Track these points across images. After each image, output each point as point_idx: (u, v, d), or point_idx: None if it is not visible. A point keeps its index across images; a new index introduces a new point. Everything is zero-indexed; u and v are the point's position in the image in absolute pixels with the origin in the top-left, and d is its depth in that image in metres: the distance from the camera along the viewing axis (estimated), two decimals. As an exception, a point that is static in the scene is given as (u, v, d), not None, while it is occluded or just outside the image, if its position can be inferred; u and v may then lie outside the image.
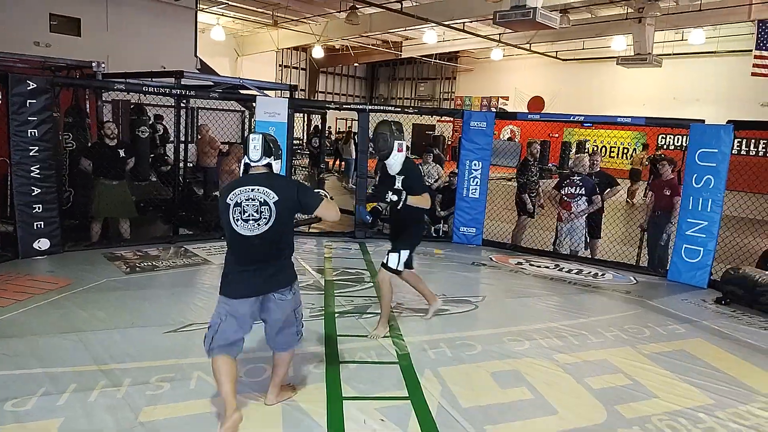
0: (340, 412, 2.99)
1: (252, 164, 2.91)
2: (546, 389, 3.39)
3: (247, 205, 2.79)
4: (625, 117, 6.94)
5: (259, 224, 2.79)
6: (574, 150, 19.23)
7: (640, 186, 13.86)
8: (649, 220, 6.67)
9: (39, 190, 5.57)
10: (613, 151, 21.38)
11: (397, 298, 4.99)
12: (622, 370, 3.73)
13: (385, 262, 4.09)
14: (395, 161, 3.93)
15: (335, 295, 5.02)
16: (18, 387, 3.05)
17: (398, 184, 3.90)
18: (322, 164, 10.53)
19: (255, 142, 2.88)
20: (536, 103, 24.46)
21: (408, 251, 4.12)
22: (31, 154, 5.47)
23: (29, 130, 5.45)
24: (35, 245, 5.61)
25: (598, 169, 7.13)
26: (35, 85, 5.46)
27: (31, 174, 5.50)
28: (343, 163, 16.21)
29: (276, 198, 2.80)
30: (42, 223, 5.63)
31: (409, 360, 3.69)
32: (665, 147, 19.63)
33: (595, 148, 19.57)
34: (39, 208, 5.59)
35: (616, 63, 16.71)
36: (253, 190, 2.81)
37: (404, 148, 3.96)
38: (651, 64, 15.19)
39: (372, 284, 5.42)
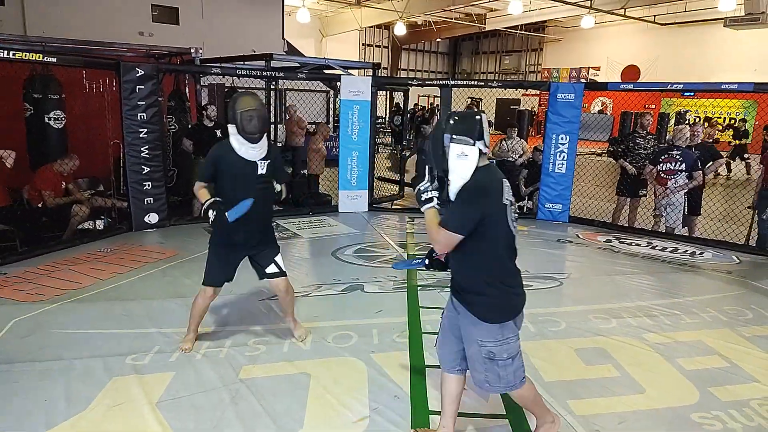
0: (423, 380, 3.10)
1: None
2: (633, 368, 3.30)
3: (511, 204, 2.33)
4: (730, 83, 6.39)
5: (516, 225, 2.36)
6: (672, 122, 17.93)
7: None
8: (758, 196, 6.15)
9: (148, 169, 6.10)
10: (719, 122, 19.68)
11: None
12: (719, 351, 3.55)
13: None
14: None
15: (418, 269, 5.12)
16: (136, 344, 3.43)
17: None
18: (404, 141, 10.61)
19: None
20: (631, 72, 22.94)
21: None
22: (141, 135, 5.99)
23: (139, 114, 5.95)
24: (146, 219, 6.17)
25: (699, 140, 6.65)
26: (143, 72, 5.95)
27: (141, 154, 6.03)
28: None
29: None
30: (151, 199, 6.17)
31: (491, 333, 3.72)
32: (780, 116, 17.78)
33: (697, 119, 18.14)
34: (149, 185, 6.13)
35: (723, 25, 15.35)
36: (506, 183, 2.33)
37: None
38: (764, 24, 13.78)
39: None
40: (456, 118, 2.30)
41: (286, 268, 3.49)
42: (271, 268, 3.40)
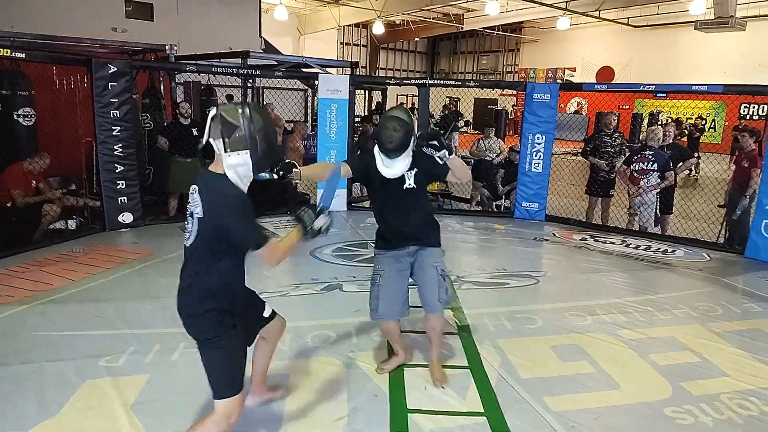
0: (402, 379, 3.10)
1: None
2: (608, 364, 3.36)
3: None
4: (700, 85, 6.55)
5: None
6: (646, 122, 18.28)
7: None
8: (728, 195, 6.31)
9: (122, 168, 5.98)
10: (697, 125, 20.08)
11: (457, 272, 5.05)
12: (690, 347, 3.63)
13: None
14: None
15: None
16: (110, 346, 3.36)
17: None
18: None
19: None
20: (605, 73, 23.31)
21: None
22: (114, 133, 5.87)
23: (112, 111, 5.83)
24: (120, 219, 6.05)
25: (671, 141, 6.80)
26: (116, 69, 5.82)
27: (115, 152, 5.91)
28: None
29: None
30: (125, 198, 6.05)
31: (469, 331, 3.75)
32: (748, 117, 18.30)
33: (669, 120, 18.52)
34: (122, 184, 6.01)
35: (694, 28, 15.69)
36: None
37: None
38: (734, 27, 14.17)
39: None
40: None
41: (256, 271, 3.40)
42: None
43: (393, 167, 2.78)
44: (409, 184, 2.86)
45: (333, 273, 4.92)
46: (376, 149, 2.82)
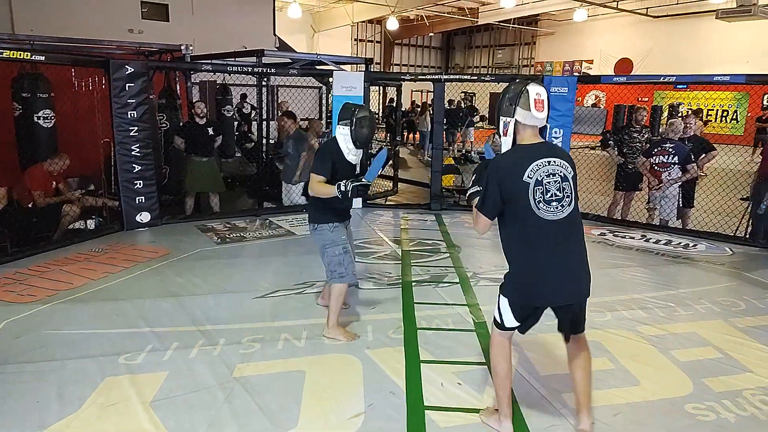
0: (418, 375, 3.09)
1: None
2: (628, 360, 3.31)
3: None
4: (722, 75, 6.40)
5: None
6: (666, 115, 17.98)
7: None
8: (754, 188, 6.16)
9: (139, 168, 6.05)
10: (711, 115, 19.73)
11: (474, 269, 5.02)
12: (712, 343, 3.56)
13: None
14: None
15: (412, 264, 5.12)
16: (129, 343, 3.41)
17: None
18: (398, 137, 10.60)
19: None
20: (624, 65, 22.97)
21: (507, 300, 2.49)
22: (131, 134, 5.94)
23: (129, 112, 5.90)
24: (138, 218, 6.13)
25: (692, 133, 6.66)
26: (133, 70, 5.89)
27: (132, 153, 5.98)
28: (417, 135, 16.18)
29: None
30: (143, 197, 6.12)
31: (485, 328, 3.72)
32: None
33: (689, 111, 18.19)
34: (140, 184, 6.08)
35: (715, 17, 15.37)
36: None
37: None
38: (756, 15, 13.83)
39: (448, 254, 5.47)
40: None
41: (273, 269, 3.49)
42: None
43: (357, 155, 3.57)
44: (358, 167, 3.65)
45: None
46: (342, 140, 3.50)
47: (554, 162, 2.34)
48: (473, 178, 2.58)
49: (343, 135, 3.48)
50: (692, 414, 2.77)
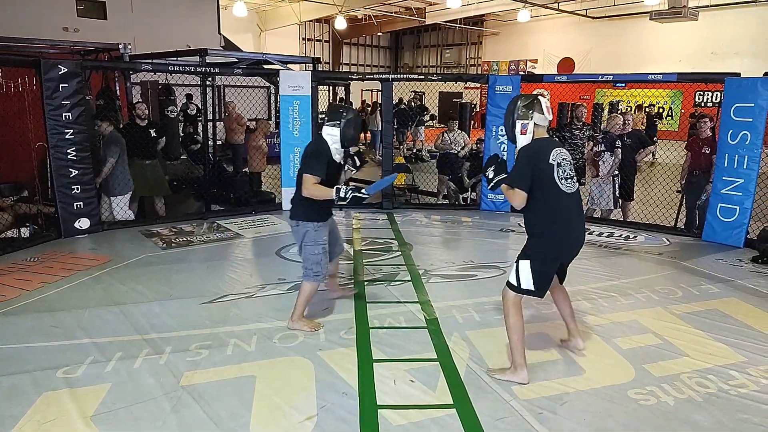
0: (371, 374, 3.09)
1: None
2: (574, 350, 3.41)
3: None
4: (656, 74, 6.71)
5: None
6: (606, 111, 18.68)
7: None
8: (686, 181, 6.50)
9: (76, 172, 5.76)
10: (663, 109, 20.56)
11: (425, 265, 5.06)
12: (652, 330, 3.72)
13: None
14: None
15: (364, 263, 5.11)
16: (68, 356, 3.24)
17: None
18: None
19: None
20: (566, 64, 23.73)
21: (530, 265, 3.04)
22: (66, 137, 5.66)
23: (63, 114, 5.61)
24: (76, 225, 5.85)
25: (630, 129, 6.96)
26: (66, 69, 5.61)
27: (68, 156, 5.70)
28: (368, 134, 16.19)
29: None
30: (81, 203, 5.85)
31: (437, 324, 3.76)
32: (703, 104, 18.90)
33: (628, 109, 18.97)
34: (77, 189, 5.80)
35: (649, 18, 16.09)
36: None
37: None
38: (686, 17, 14.60)
39: (400, 253, 5.49)
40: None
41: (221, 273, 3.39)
42: None
43: (342, 154, 3.70)
44: (342, 165, 3.82)
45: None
46: (330, 141, 3.59)
47: (563, 150, 3.08)
48: (492, 168, 3.27)
49: (331, 136, 3.59)
50: (635, 399, 2.88)
